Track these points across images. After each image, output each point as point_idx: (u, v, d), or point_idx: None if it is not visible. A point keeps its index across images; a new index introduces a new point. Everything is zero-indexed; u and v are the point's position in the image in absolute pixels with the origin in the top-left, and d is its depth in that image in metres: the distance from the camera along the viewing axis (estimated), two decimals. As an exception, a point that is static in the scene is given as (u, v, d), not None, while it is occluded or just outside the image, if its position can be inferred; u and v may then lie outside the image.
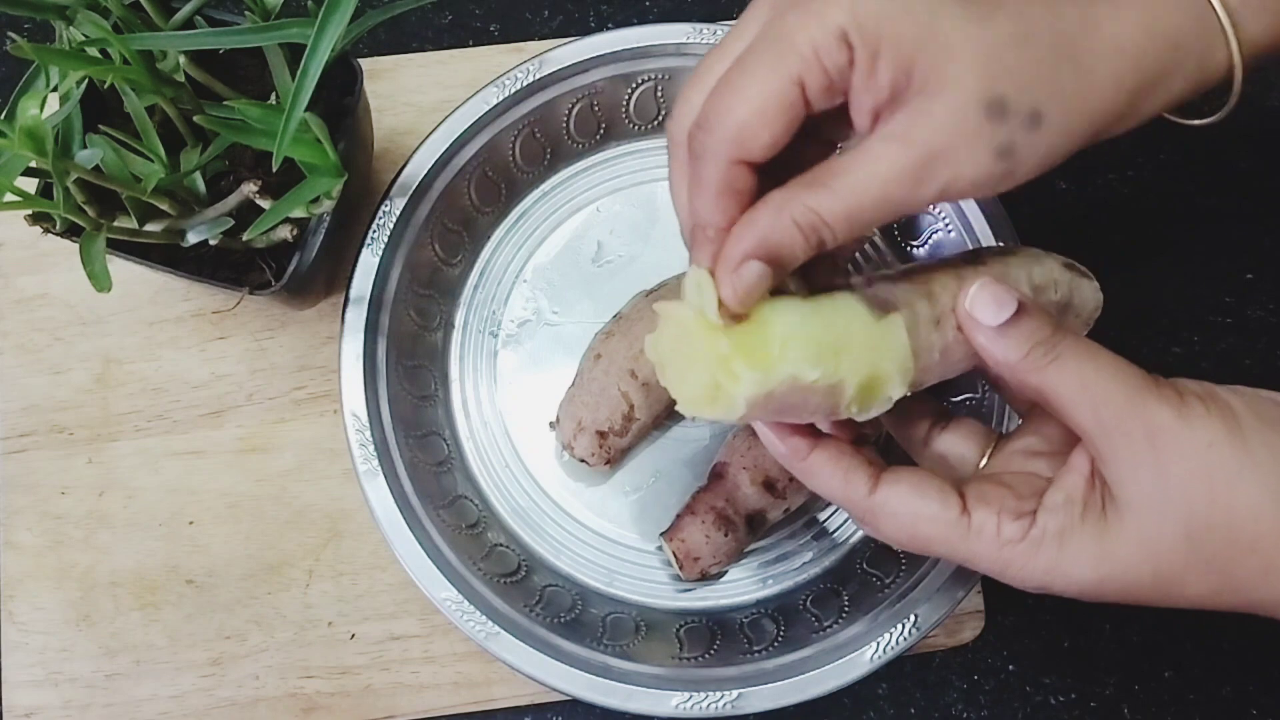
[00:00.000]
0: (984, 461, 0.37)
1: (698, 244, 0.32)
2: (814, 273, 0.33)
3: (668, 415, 0.50)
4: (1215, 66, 0.34)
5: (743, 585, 0.48)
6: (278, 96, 0.43)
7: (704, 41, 0.50)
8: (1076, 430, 0.32)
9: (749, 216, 0.31)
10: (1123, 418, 0.30)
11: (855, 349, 0.32)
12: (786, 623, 0.46)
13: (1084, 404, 0.31)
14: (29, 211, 0.40)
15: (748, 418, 0.32)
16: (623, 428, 0.47)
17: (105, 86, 0.41)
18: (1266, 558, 0.29)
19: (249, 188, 0.41)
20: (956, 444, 0.37)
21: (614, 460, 0.48)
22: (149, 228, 0.42)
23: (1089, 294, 0.38)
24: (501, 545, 0.48)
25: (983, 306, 0.32)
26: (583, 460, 0.47)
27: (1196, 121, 0.38)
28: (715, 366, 0.31)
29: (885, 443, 0.45)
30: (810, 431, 0.34)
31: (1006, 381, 0.34)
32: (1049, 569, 0.31)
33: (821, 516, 0.49)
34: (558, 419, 0.48)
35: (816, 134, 0.33)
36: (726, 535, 0.46)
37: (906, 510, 0.33)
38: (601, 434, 0.47)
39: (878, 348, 0.32)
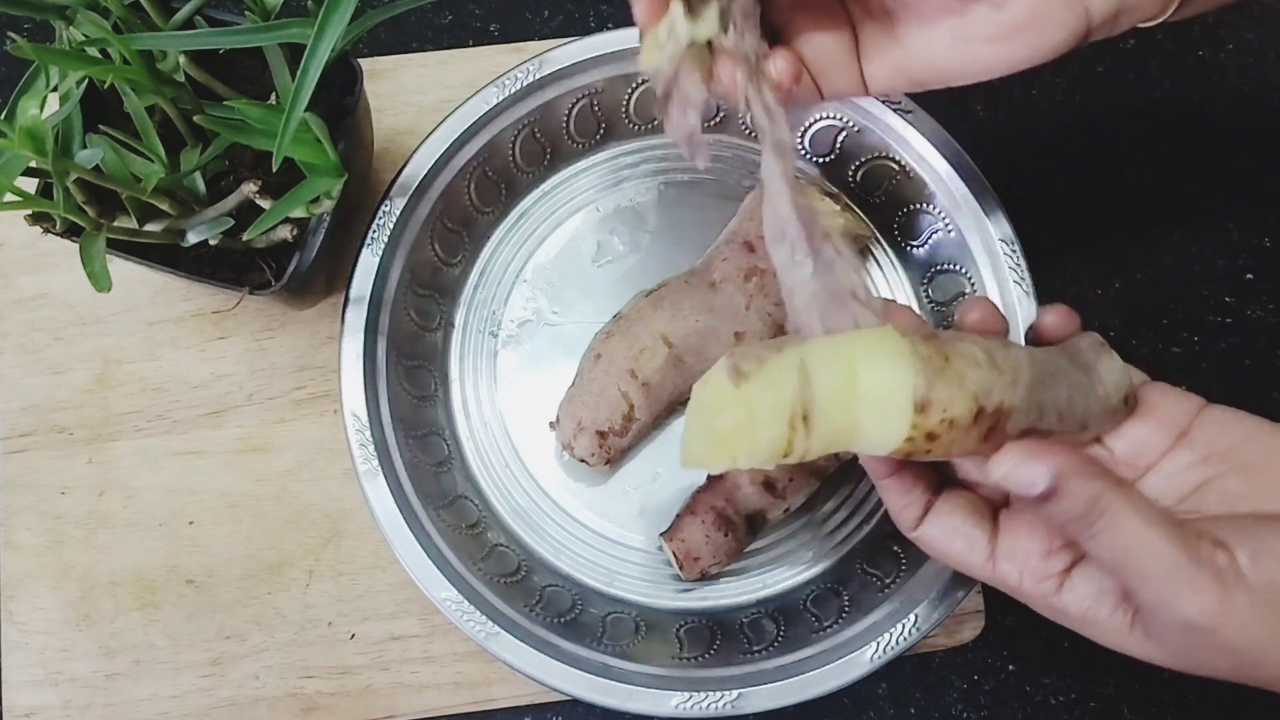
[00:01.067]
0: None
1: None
2: None
3: (668, 415, 0.50)
4: None
5: (743, 585, 0.48)
6: (278, 96, 0.43)
7: (704, 41, 0.50)
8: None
9: None
10: (1164, 603, 0.30)
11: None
12: (786, 623, 0.46)
13: (1124, 575, 0.31)
14: (29, 211, 0.40)
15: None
16: (623, 428, 0.47)
17: (105, 86, 0.41)
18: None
19: (249, 188, 0.41)
20: (960, 520, 0.36)
21: (614, 460, 0.48)
22: (149, 228, 0.42)
23: (1114, 368, 0.36)
24: (501, 545, 0.48)
25: (1015, 481, 0.31)
26: (583, 460, 0.47)
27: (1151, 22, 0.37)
28: (775, 449, 0.31)
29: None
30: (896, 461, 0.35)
31: None
32: (1071, 625, 0.34)
33: (821, 516, 0.49)
34: (558, 419, 0.48)
35: None
36: (726, 535, 0.46)
37: (940, 547, 0.36)
38: (601, 434, 0.47)
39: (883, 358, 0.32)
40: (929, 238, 0.51)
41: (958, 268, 0.50)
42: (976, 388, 0.31)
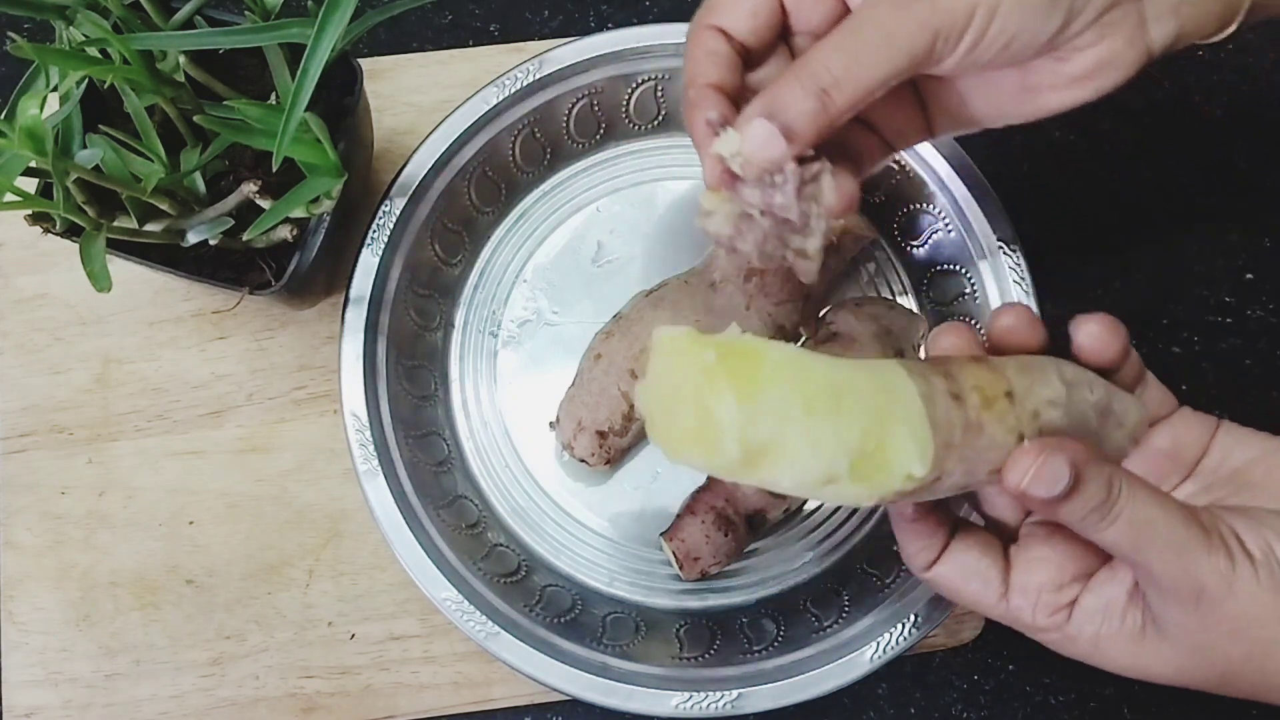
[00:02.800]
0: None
1: (688, 107, 0.35)
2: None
3: (668, 415, 0.50)
4: None
5: (743, 585, 0.48)
6: (278, 96, 0.43)
7: (704, 41, 0.50)
8: (1129, 565, 0.33)
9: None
10: (1173, 575, 0.31)
11: (855, 397, 0.29)
12: (786, 623, 0.46)
13: (1137, 557, 0.31)
14: (29, 211, 0.40)
15: (735, 470, 0.29)
16: (623, 428, 0.47)
17: (105, 86, 0.41)
18: None
19: (249, 188, 0.41)
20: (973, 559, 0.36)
21: (614, 460, 0.48)
22: (149, 228, 0.42)
23: (1131, 405, 0.36)
24: (501, 545, 0.48)
25: (1037, 483, 0.31)
26: (583, 460, 0.47)
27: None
28: (701, 384, 0.28)
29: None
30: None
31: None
32: (1084, 655, 0.34)
33: (821, 516, 0.49)
34: (558, 419, 0.48)
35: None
36: (726, 535, 0.46)
37: (954, 585, 0.35)
38: (601, 434, 0.47)
39: (887, 401, 0.29)
40: (929, 238, 0.51)
41: (958, 268, 0.50)
42: (1002, 437, 0.31)
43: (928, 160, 0.49)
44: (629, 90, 0.51)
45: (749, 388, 0.28)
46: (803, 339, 0.49)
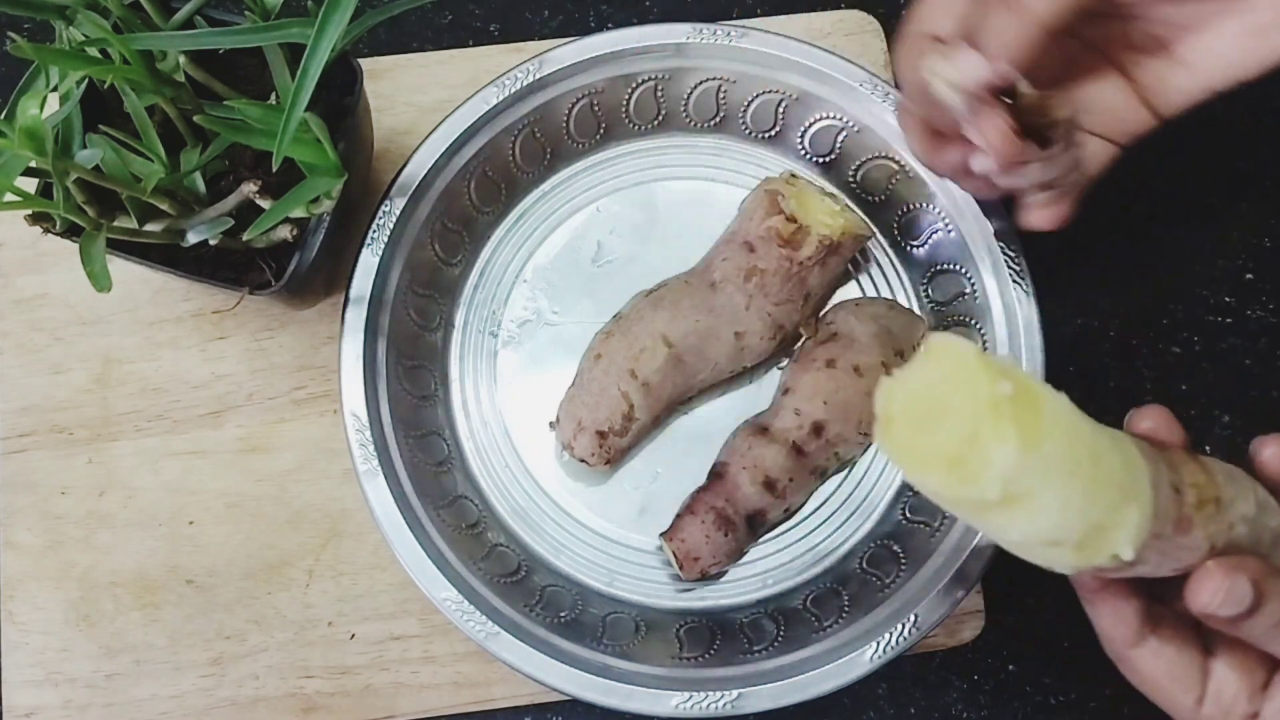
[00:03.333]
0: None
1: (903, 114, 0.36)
2: None
3: (668, 415, 0.50)
4: None
5: (743, 585, 0.48)
6: (278, 96, 0.43)
7: (704, 41, 0.50)
8: None
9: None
10: None
11: (1108, 468, 0.28)
12: (786, 623, 0.46)
13: None
14: (29, 211, 0.40)
15: (975, 507, 0.28)
16: (623, 428, 0.47)
17: (105, 86, 0.41)
18: None
19: (249, 188, 0.41)
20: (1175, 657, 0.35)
21: (614, 460, 0.48)
22: (149, 228, 0.42)
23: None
24: (501, 545, 0.48)
25: (1226, 604, 0.31)
26: (583, 460, 0.47)
27: None
28: (984, 415, 0.27)
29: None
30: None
31: None
32: None
33: (822, 517, 0.49)
34: (558, 419, 0.48)
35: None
36: (726, 535, 0.46)
37: (1151, 679, 0.34)
38: (601, 434, 0.47)
39: (1128, 480, 0.29)
40: (929, 238, 0.51)
41: (958, 268, 0.50)
42: (1201, 542, 0.31)
43: (928, 160, 0.49)
44: (629, 90, 0.51)
45: (1032, 436, 0.27)
46: (803, 339, 0.49)
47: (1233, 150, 0.56)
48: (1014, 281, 0.47)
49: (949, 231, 0.50)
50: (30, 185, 0.42)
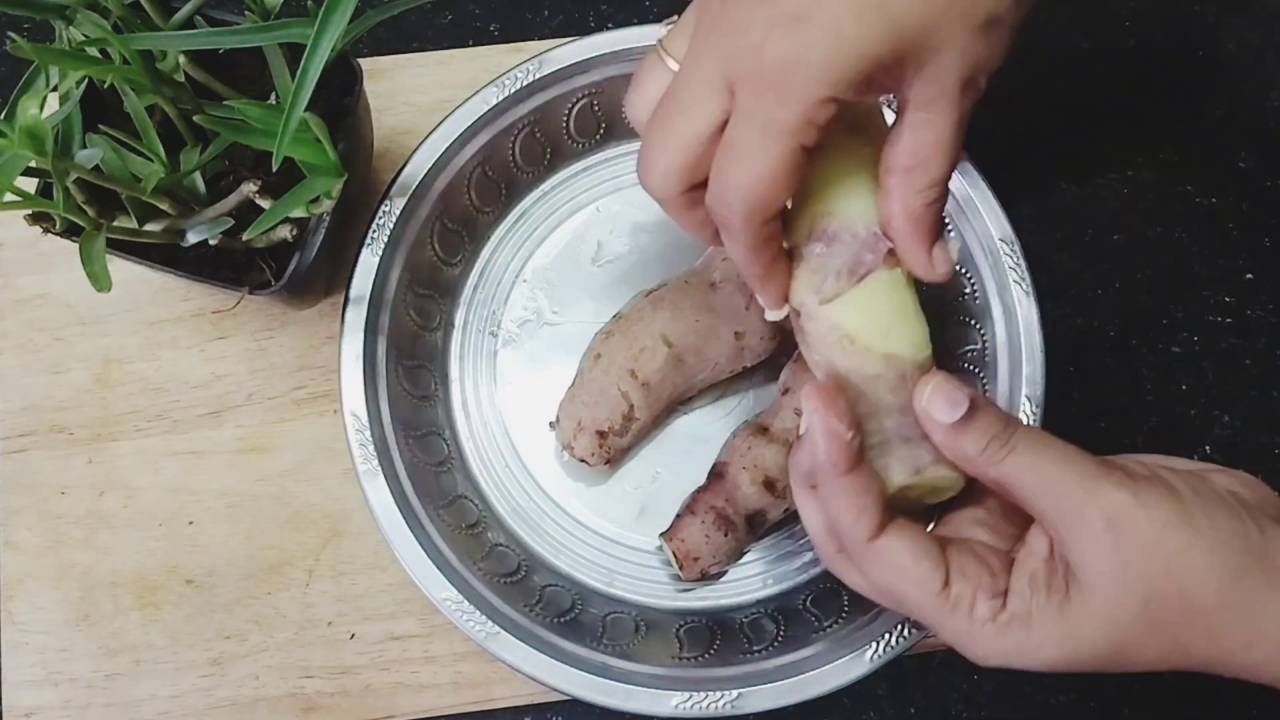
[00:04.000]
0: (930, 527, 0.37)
1: (760, 287, 0.36)
2: None
3: (668, 415, 0.50)
4: None
5: (743, 585, 0.48)
6: (278, 96, 0.43)
7: (704, 41, 0.50)
8: (1036, 516, 0.34)
9: (890, 208, 0.34)
10: (1081, 505, 0.32)
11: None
12: (786, 623, 0.46)
13: (1042, 493, 0.32)
14: (29, 211, 0.40)
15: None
16: (623, 428, 0.47)
17: (105, 86, 0.41)
18: (1210, 621, 0.31)
19: (249, 188, 0.41)
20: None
21: (614, 460, 0.48)
22: (149, 228, 0.42)
23: None
24: (501, 545, 0.48)
25: (938, 405, 0.34)
26: (583, 460, 0.47)
27: None
28: None
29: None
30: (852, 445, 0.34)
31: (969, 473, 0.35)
32: (1013, 650, 0.33)
33: (821, 516, 0.49)
34: (558, 419, 0.48)
35: None
36: (726, 535, 0.46)
37: (898, 565, 0.33)
38: (601, 434, 0.47)
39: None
40: (929, 238, 0.51)
41: (958, 268, 0.49)
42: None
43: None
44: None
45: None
46: None
47: (1233, 150, 0.56)
48: (1014, 281, 0.47)
49: (949, 231, 0.49)
50: (30, 185, 0.42)
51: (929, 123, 0.33)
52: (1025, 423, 0.36)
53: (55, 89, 0.39)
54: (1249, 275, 0.55)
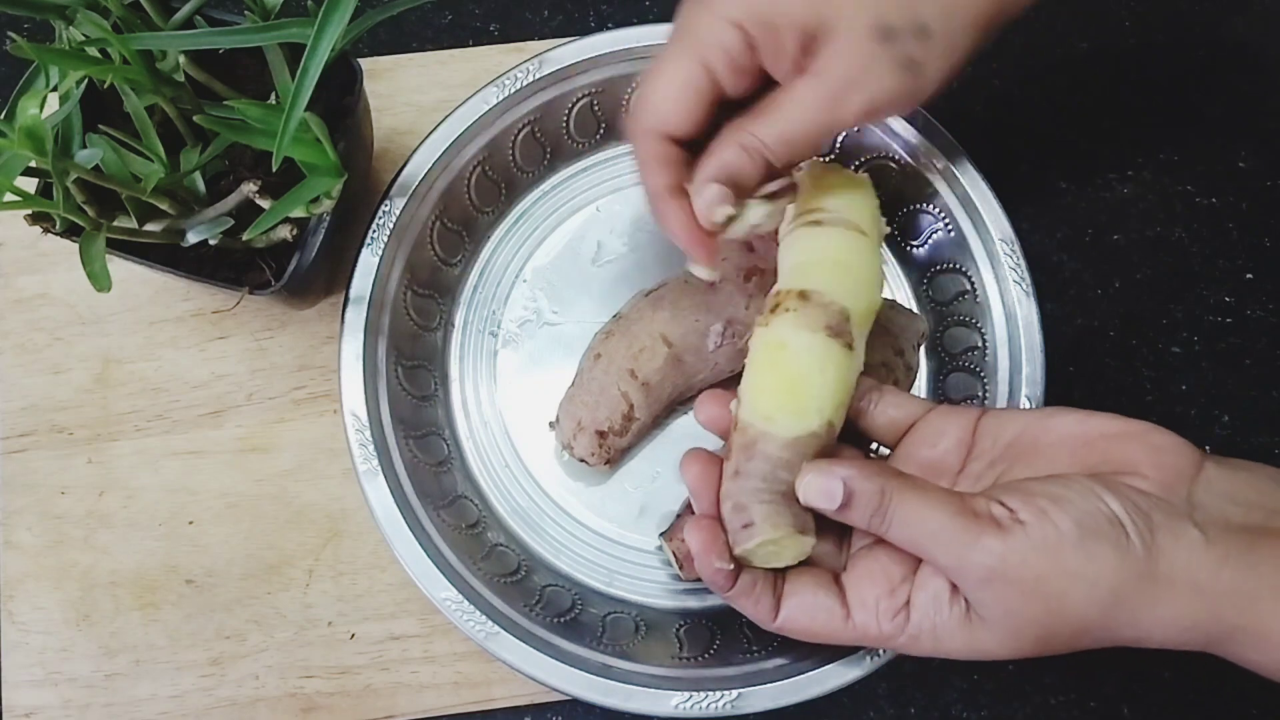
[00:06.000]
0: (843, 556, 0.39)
1: (654, 210, 0.39)
2: None
3: (667, 415, 0.50)
4: None
5: (743, 585, 0.48)
6: (278, 96, 0.43)
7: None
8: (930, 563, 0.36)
9: (710, 149, 0.37)
10: (960, 560, 0.33)
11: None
12: (786, 623, 0.46)
13: (925, 550, 0.34)
14: (29, 211, 0.40)
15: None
16: (622, 428, 0.47)
17: (105, 86, 0.41)
18: (1101, 635, 0.34)
19: (249, 188, 0.41)
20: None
21: (614, 460, 0.48)
22: (149, 228, 0.42)
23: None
24: (501, 545, 0.48)
25: (817, 498, 0.35)
26: (582, 460, 0.47)
27: None
28: None
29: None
30: (734, 571, 0.37)
31: None
32: (928, 650, 0.36)
33: (821, 516, 0.49)
34: (557, 419, 0.48)
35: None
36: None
37: (803, 625, 0.37)
38: (601, 434, 0.47)
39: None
40: (929, 238, 0.51)
41: (958, 268, 0.50)
42: None
43: (928, 160, 0.49)
44: (629, 90, 0.51)
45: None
46: None
47: (1233, 150, 0.56)
48: (1014, 281, 0.47)
49: (949, 231, 0.50)
50: (30, 185, 0.43)
51: (799, 99, 0.36)
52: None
53: (55, 89, 0.39)
54: (1249, 275, 0.55)
